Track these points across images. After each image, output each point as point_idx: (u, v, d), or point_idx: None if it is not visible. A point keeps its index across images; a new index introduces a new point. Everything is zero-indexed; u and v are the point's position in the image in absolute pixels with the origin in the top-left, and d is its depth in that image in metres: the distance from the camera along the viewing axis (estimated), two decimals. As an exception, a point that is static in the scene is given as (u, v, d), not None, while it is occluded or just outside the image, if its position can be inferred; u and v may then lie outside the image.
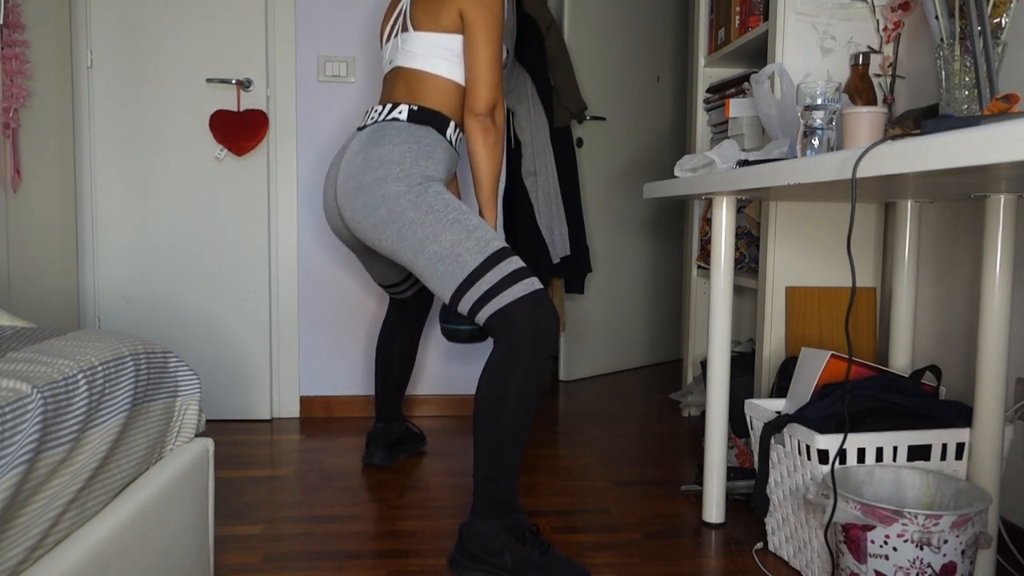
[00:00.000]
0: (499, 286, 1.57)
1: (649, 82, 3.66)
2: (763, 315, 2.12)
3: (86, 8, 2.58)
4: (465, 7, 1.77)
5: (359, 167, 1.71)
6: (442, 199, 1.64)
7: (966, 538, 1.28)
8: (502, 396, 1.53)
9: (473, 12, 1.76)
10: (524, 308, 1.55)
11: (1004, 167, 0.90)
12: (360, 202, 1.69)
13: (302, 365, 2.79)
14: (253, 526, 1.81)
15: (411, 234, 1.62)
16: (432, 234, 1.61)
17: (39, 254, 2.40)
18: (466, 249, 1.59)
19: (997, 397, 1.45)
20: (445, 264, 1.59)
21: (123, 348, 1.16)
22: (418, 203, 1.63)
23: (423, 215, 1.62)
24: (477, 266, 1.58)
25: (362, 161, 1.71)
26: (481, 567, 1.54)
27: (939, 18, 1.56)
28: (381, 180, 1.66)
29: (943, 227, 1.93)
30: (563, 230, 3.13)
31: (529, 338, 1.54)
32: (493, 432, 1.54)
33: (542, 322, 1.55)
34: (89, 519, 1.06)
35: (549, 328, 1.56)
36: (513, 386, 1.53)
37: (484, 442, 1.55)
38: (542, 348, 1.55)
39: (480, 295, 1.57)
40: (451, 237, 1.60)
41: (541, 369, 1.56)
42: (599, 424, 2.74)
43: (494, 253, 1.59)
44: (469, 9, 1.76)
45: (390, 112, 1.80)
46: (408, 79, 1.84)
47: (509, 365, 1.54)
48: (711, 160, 1.81)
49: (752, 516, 1.88)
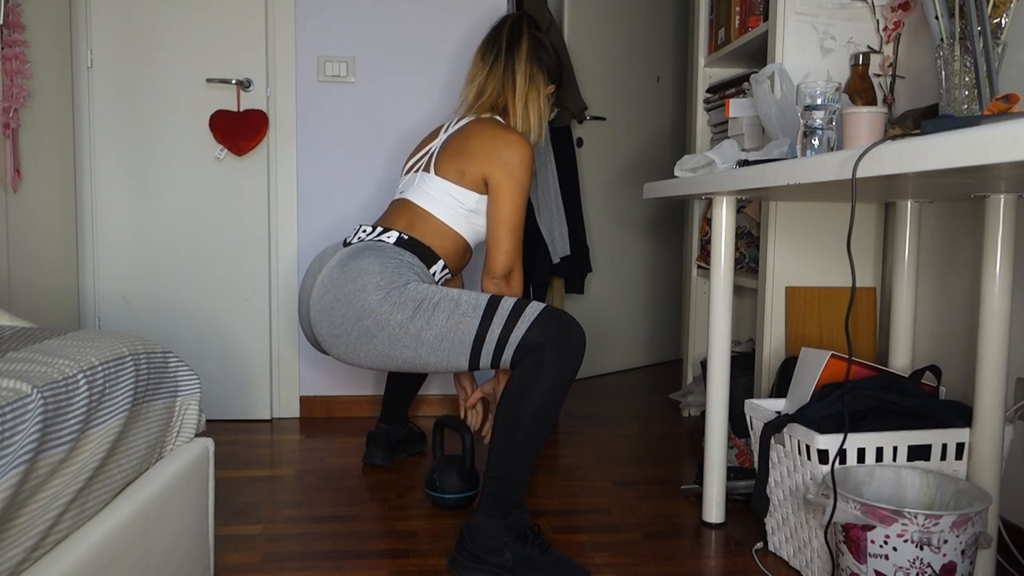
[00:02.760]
0: (507, 326, 1.58)
1: (649, 82, 3.66)
2: (763, 315, 2.12)
3: (86, 8, 2.58)
4: (493, 174, 1.79)
5: (334, 280, 1.68)
6: (420, 289, 1.64)
7: (966, 538, 1.28)
8: (525, 405, 1.54)
9: (501, 181, 1.79)
10: (541, 328, 1.56)
11: (1004, 167, 0.90)
12: (339, 316, 1.66)
13: (302, 365, 2.79)
14: (253, 526, 1.81)
15: (404, 333, 1.62)
16: (425, 323, 1.61)
17: (39, 254, 2.40)
18: (461, 315, 1.60)
19: (997, 397, 1.45)
20: (449, 341, 1.60)
21: (123, 348, 1.16)
22: (401, 303, 1.62)
23: (411, 312, 1.61)
24: (479, 322, 1.59)
25: (338, 275, 1.68)
26: (481, 566, 1.54)
27: (939, 18, 1.56)
28: (360, 290, 1.64)
29: (943, 227, 1.93)
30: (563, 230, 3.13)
31: (556, 351, 1.55)
32: (512, 436, 1.55)
33: (569, 333, 1.56)
34: (89, 519, 1.06)
35: (576, 339, 1.57)
36: (537, 397, 1.54)
37: (501, 444, 1.56)
38: (571, 360, 1.56)
39: (495, 343, 1.59)
40: (443, 315, 1.60)
41: (568, 380, 1.57)
42: (599, 424, 2.74)
43: (488, 305, 1.61)
44: (497, 177, 1.79)
45: (379, 235, 1.81)
46: (411, 213, 1.85)
47: (535, 378, 1.55)
48: (711, 160, 1.81)
49: (752, 516, 1.88)
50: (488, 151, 1.81)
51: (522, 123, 1.94)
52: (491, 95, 1.95)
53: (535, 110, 1.94)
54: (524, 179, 1.80)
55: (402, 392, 2.27)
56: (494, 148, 1.81)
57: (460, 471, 1.92)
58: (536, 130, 1.95)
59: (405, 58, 2.73)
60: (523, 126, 1.94)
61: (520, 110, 1.93)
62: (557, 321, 1.57)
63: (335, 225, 2.75)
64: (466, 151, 1.83)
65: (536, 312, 1.59)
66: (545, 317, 1.58)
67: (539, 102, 1.95)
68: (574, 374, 1.57)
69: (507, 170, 1.79)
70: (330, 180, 2.75)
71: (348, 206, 2.75)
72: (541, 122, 1.96)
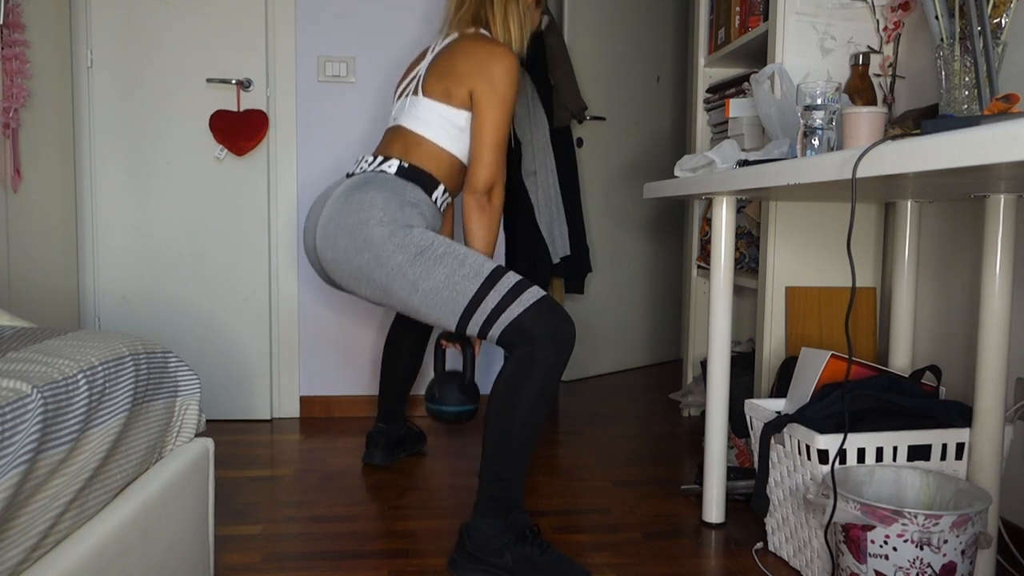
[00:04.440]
0: (504, 302, 1.58)
1: (649, 82, 3.66)
2: (763, 315, 2.12)
3: (86, 8, 2.58)
4: (477, 88, 1.78)
5: (338, 210, 1.70)
6: (426, 237, 1.64)
7: (966, 538, 1.28)
8: (517, 399, 1.54)
9: (484, 94, 1.78)
10: (536, 316, 1.56)
11: (1004, 167, 0.90)
12: (342, 244, 1.68)
13: (302, 365, 2.79)
14: (253, 526, 1.81)
15: (402, 276, 1.62)
16: (424, 272, 1.61)
17: (39, 254, 2.40)
18: (462, 276, 1.60)
19: (997, 397, 1.45)
20: (443, 296, 1.60)
21: (123, 348, 1.16)
22: (404, 245, 1.62)
23: (412, 256, 1.62)
24: (477, 289, 1.59)
25: (342, 204, 1.70)
26: (481, 567, 1.54)
27: (939, 18, 1.56)
28: (363, 224, 1.65)
29: (943, 227, 1.93)
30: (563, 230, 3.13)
31: (548, 344, 1.55)
32: (504, 433, 1.55)
33: (561, 326, 1.56)
34: (89, 519, 1.06)
35: (568, 332, 1.57)
36: (529, 391, 1.54)
37: (494, 442, 1.56)
38: (561, 353, 1.56)
39: (487, 315, 1.58)
40: (444, 270, 1.60)
41: (558, 374, 1.57)
42: (599, 424, 2.74)
43: (491, 274, 1.60)
44: (480, 90, 1.78)
45: (380, 164, 1.81)
46: (407, 139, 1.85)
47: (527, 371, 1.55)
48: (711, 160, 1.81)
49: (752, 516, 1.88)
50: (472, 66, 1.79)
51: (503, 33, 1.91)
52: (470, 5, 1.92)
53: (515, 20, 1.91)
54: (507, 92, 1.78)
55: (396, 389, 2.26)
56: (478, 62, 1.79)
57: (460, 384, 1.89)
58: (517, 41, 1.92)
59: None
60: (504, 36, 1.91)
61: (500, 19, 1.91)
62: (553, 312, 1.57)
63: (335, 225, 2.75)
64: (452, 69, 1.82)
65: (535, 297, 1.58)
66: (542, 305, 1.58)
67: (518, 10, 1.92)
68: (563, 368, 1.57)
69: (490, 83, 1.77)
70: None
71: (348, 206, 2.75)
72: (523, 33, 1.93)
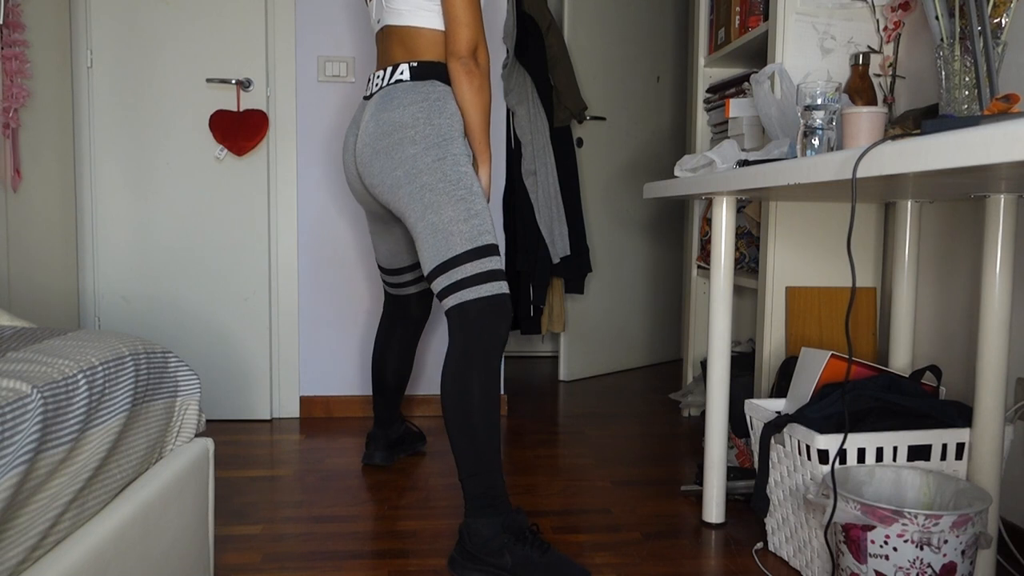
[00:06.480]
0: (471, 280, 1.60)
1: (649, 82, 3.66)
2: (763, 315, 2.12)
3: (86, 8, 2.58)
4: None
5: (372, 134, 1.74)
6: (457, 171, 1.66)
7: (966, 538, 1.28)
8: (467, 390, 1.57)
9: None
10: (481, 309, 1.59)
11: (1004, 167, 0.90)
12: (378, 166, 1.73)
13: (302, 365, 2.79)
14: (253, 526, 1.81)
15: (420, 198, 1.65)
16: (436, 203, 1.63)
17: (39, 254, 2.40)
18: (459, 232, 1.62)
19: (997, 397, 1.45)
20: (436, 239, 1.63)
21: (123, 348, 1.16)
22: (434, 168, 1.65)
23: (435, 182, 1.64)
24: (462, 252, 1.61)
25: (374, 128, 1.74)
26: (481, 567, 1.54)
27: (939, 18, 1.56)
28: (397, 144, 1.69)
29: (943, 227, 1.93)
30: (563, 230, 3.13)
31: (477, 339, 1.58)
32: (466, 428, 1.57)
33: (497, 326, 1.60)
34: (89, 519, 1.06)
35: (499, 333, 1.60)
36: (475, 380, 1.57)
37: (460, 440, 1.58)
38: (490, 349, 1.59)
39: (453, 282, 1.61)
40: (450, 214, 1.62)
41: (496, 364, 1.60)
42: (599, 424, 2.74)
43: (481, 247, 1.62)
44: None
45: (392, 75, 1.80)
46: (401, 36, 1.83)
47: (466, 362, 1.58)
48: (711, 160, 1.81)
49: (752, 516, 1.88)
50: None
51: None
52: None
53: None
54: None
55: (385, 394, 2.25)
56: None
57: None
58: None
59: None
60: None
61: None
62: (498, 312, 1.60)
63: (335, 225, 2.75)
64: None
65: (493, 292, 1.61)
66: (495, 300, 1.60)
67: None
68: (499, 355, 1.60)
69: None
70: (330, 180, 2.75)
71: (348, 206, 2.75)
72: None
